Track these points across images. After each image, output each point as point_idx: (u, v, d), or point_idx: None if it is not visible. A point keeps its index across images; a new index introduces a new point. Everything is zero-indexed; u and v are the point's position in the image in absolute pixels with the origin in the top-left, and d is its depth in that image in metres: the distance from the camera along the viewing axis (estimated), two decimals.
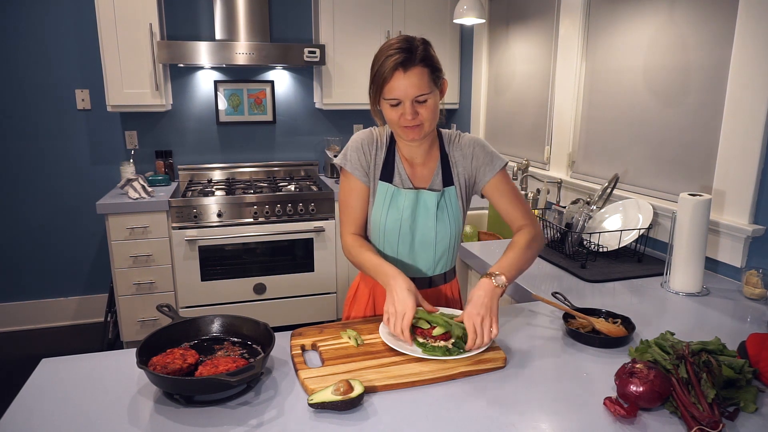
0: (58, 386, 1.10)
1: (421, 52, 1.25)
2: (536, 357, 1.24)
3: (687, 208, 1.60)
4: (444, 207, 1.41)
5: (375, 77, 1.28)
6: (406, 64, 1.23)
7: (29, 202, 3.43)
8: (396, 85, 1.24)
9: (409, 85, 1.24)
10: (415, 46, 1.25)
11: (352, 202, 1.44)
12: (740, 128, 1.70)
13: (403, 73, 1.23)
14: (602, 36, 2.36)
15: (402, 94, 1.25)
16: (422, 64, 1.25)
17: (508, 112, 3.21)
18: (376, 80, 1.27)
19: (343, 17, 3.41)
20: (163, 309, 1.28)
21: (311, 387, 1.08)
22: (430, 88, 1.26)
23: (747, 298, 1.62)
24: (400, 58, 1.23)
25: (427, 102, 1.27)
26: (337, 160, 1.45)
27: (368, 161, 1.42)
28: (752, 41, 1.65)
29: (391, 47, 1.25)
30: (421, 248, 1.43)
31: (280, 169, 3.80)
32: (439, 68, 1.30)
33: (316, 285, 3.37)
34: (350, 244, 1.43)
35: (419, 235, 1.42)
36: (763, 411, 1.03)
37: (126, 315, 3.11)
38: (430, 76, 1.26)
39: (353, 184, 1.43)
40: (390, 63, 1.23)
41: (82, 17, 3.26)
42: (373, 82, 1.29)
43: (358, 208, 1.44)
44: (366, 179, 1.42)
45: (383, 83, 1.26)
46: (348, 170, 1.42)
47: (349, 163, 1.42)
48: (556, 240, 2.09)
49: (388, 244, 1.44)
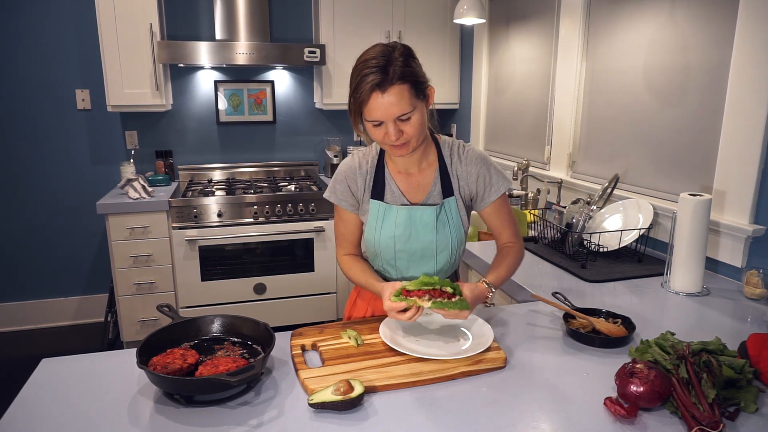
0: (58, 386, 1.10)
1: (399, 68, 1.17)
2: (536, 357, 1.24)
3: (687, 208, 1.60)
4: (444, 219, 1.37)
5: (352, 98, 1.22)
6: (383, 85, 1.16)
7: (29, 202, 3.43)
8: (375, 106, 1.18)
9: (389, 106, 1.17)
10: (392, 61, 1.17)
11: (343, 230, 1.47)
12: (740, 128, 1.70)
13: (381, 95, 1.17)
14: (602, 36, 2.36)
15: (382, 115, 1.19)
16: (400, 81, 1.17)
17: (508, 112, 3.21)
18: (354, 102, 1.22)
19: (343, 17, 3.41)
20: (163, 309, 1.28)
21: (311, 387, 1.08)
22: (411, 105, 1.20)
23: (747, 298, 1.62)
24: (376, 79, 1.16)
25: (411, 119, 1.21)
26: (326, 194, 1.44)
27: (355, 190, 1.40)
28: (752, 41, 1.65)
29: (367, 65, 1.18)
30: (422, 260, 1.41)
31: (280, 169, 3.80)
32: (422, 80, 1.23)
33: (316, 285, 3.37)
34: (345, 266, 1.47)
35: (418, 248, 1.39)
36: (764, 411, 1.02)
37: (126, 315, 3.11)
38: (411, 91, 1.19)
39: (343, 215, 1.45)
40: (366, 85, 1.17)
41: (82, 17, 3.26)
42: (352, 102, 1.23)
43: (349, 234, 1.46)
44: (355, 209, 1.43)
45: (361, 105, 1.20)
46: (336, 204, 1.43)
47: (335, 197, 1.42)
48: (556, 240, 2.09)
49: (384, 260, 1.44)
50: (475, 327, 1.32)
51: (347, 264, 1.46)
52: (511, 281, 1.76)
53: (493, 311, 1.51)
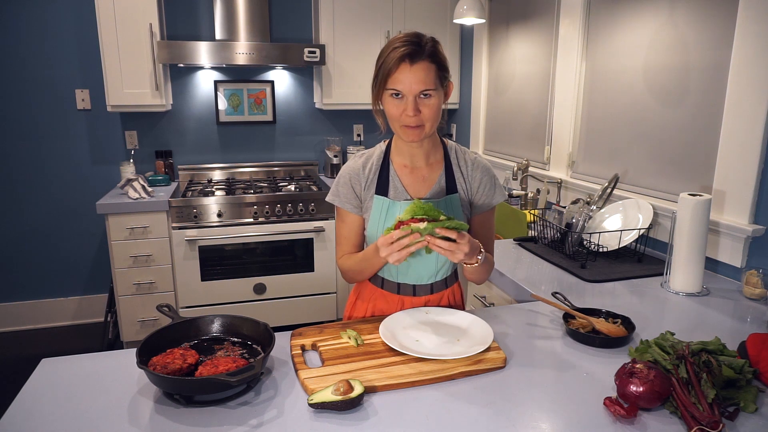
0: (58, 386, 1.10)
1: (430, 48, 1.23)
2: (536, 357, 1.24)
3: (687, 208, 1.60)
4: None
5: (380, 69, 1.25)
6: (413, 57, 1.20)
7: (29, 202, 3.43)
8: (401, 77, 1.21)
9: (414, 79, 1.21)
10: (425, 41, 1.23)
11: (346, 233, 1.45)
12: (740, 128, 1.70)
13: (409, 66, 1.21)
14: (602, 36, 2.36)
15: (406, 87, 1.22)
16: (430, 59, 1.22)
17: (508, 112, 3.21)
18: (380, 72, 1.24)
19: (343, 17, 3.41)
20: (163, 309, 1.28)
21: (311, 387, 1.08)
22: (435, 85, 1.23)
23: (747, 298, 1.62)
24: (408, 50, 1.20)
25: (431, 100, 1.24)
26: (328, 197, 1.44)
27: (359, 190, 1.40)
28: (752, 41, 1.65)
29: (399, 39, 1.23)
30: (423, 259, 1.41)
31: (280, 169, 3.80)
32: (447, 68, 1.27)
33: (316, 285, 3.37)
34: (343, 262, 1.46)
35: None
36: (763, 411, 1.03)
37: (126, 315, 3.11)
38: (437, 73, 1.24)
39: (345, 218, 1.44)
40: (397, 54, 1.20)
41: (82, 17, 3.26)
42: (377, 74, 1.26)
43: (351, 238, 1.45)
44: (358, 210, 1.42)
45: (388, 74, 1.22)
46: (339, 206, 1.43)
47: (339, 199, 1.42)
48: (556, 240, 2.09)
49: None
50: (475, 327, 1.32)
51: (344, 259, 1.45)
52: (511, 281, 1.76)
53: (493, 311, 1.52)
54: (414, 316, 1.38)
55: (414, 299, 1.46)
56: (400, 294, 1.46)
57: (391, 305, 1.47)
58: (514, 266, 1.91)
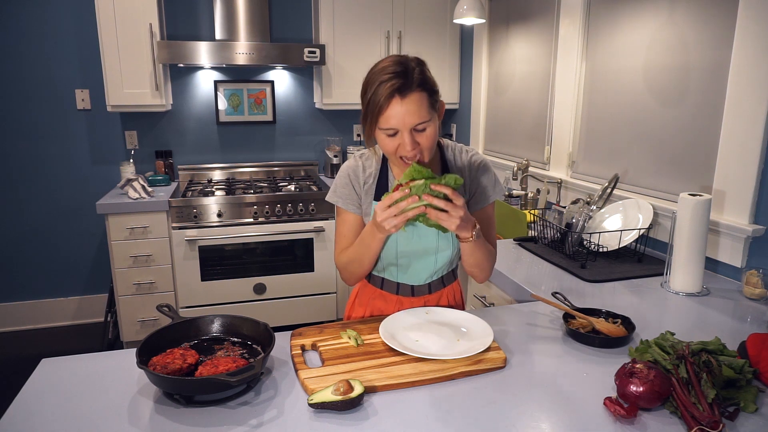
0: (58, 386, 1.10)
1: (418, 75, 1.15)
2: (536, 357, 1.24)
3: (687, 208, 1.60)
4: None
5: (369, 105, 1.17)
6: (403, 90, 1.13)
7: (29, 202, 3.43)
8: (393, 113, 1.15)
9: (407, 113, 1.15)
10: (411, 68, 1.15)
11: (345, 231, 1.43)
12: (740, 128, 1.70)
13: (400, 101, 1.14)
14: (602, 36, 2.36)
15: (400, 123, 1.16)
16: (420, 88, 1.15)
17: (508, 112, 3.21)
18: (370, 109, 1.17)
19: (343, 17, 3.41)
20: (163, 309, 1.28)
21: (311, 387, 1.08)
22: (429, 115, 1.17)
23: (747, 298, 1.62)
24: (397, 83, 1.13)
25: (427, 131, 1.19)
26: (328, 196, 1.42)
27: (358, 191, 1.38)
28: (752, 41, 1.65)
29: (385, 71, 1.14)
30: (423, 257, 1.41)
31: (280, 169, 3.80)
32: (437, 90, 1.21)
33: (316, 285, 3.37)
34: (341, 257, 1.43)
35: (420, 248, 1.39)
36: (763, 411, 1.03)
37: (126, 315, 3.11)
38: (429, 100, 1.17)
39: (345, 217, 1.42)
40: (385, 90, 1.13)
41: (82, 17, 3.27)
42: (367, 110, 1.18)
43: (350, 236, 1.42)
44: (358, 209, 1.40)
45: (378, 112, 1.16)
46: (339, 206, 1.41)
47: (340, 199, 1.40)
48: (556, 240, 2.09)
49: (386, 261, 1.43)
50: (475, 327, 1.32)
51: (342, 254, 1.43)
52: (511, 281, 1.76)
53: (493, 311, 1.52)
54: (414, 316, 1.38)
55: (413, 299, 1.46)
56: (398, 294, 1.47)
57: (390, 305, 1.47)
58: (514, 266, 1.91)
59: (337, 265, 1.46)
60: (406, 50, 3.50)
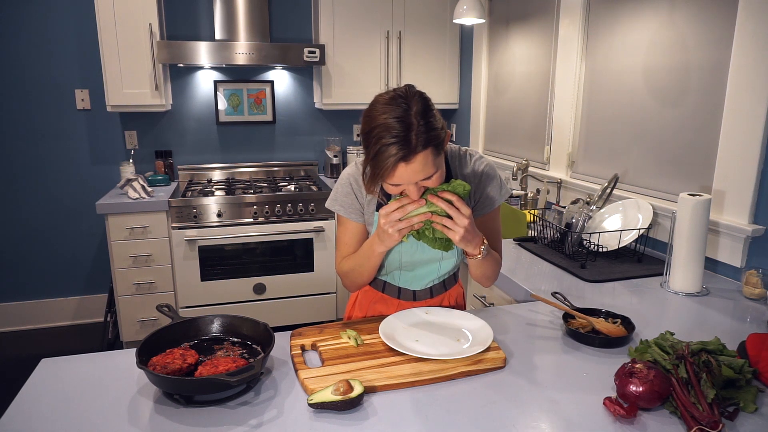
0: (58, 386, 1.10)
1: (422, 134, 1.08)
2: (536, 357, 1.24)
3: (687, 208, 1.60)
4: None
5: (372, 162, 1.11)
6: (407, 157, 1.08)
7: (29, 202, 3.43)
8: (398, 175, 1.11)
9: (413, 173, 1.11)
10: (412, 126, 1.08)
11: (347, 239, 1.42)
12: (740, 128, 1.71)
13: (405, 166, 1.10)
14: (602, 36, 2.36)
15: (406, 181, 1.13)
16: (424, 148, 1.09)
17: (508, 112, 3.21)
18: (374, 171, 1.12)
19: (343, 17, 3.41)
20: (163, 309, 1.28)
21: (311, 387, 1.08)
22: (435, 166, 1.13)
23: (747, 298, 1.62)
24: (400, 153, 1.07)
25: (433, 177, 1.15)
26: (328, 203, 1.40)
27: (361, 200, 1.37)
28: (752, 41, 1.65)
29: (389, 131, 1.08)
30: (427, 265, 1.41)
31: (280, 169, 3.80)
32: (442, 138, 1.14)
33: (316, 285, 3.37)
34: (342, 265, 1.42)
35: (424, 258, 1.39)
36: (763, 411, 1.03)
37: (126, 315, 3.11)
38: (434, 152, 1.12)
39: (346, 225, 1.41)
40: (390, 159, 1.08)
41: (82, 17, 3.26)
42: (371, 170, 1.13)
43: (352, 244, 1.41)
44: (360, 217, 1.38)
45: (383, 175, 1.12)
46: (340, 214, 1.39)
47: (342, 208, 1.38)
48: (555, 240, 2.09)
49: (389, 270, 1.43)
50: (475, 327, 1.32)
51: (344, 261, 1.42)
52: (511, 281, 1.76)
53: (493, 311, 1.52)
54: (414, 316, 1.38)
55: (414, 304, 1.46)
56: (400, 299, 1.47)
57: (391, 309, 1.47)
58: (514, 266, 1.91)
59: (339, 272, 1.45)
60: (406, 50, 3.50)
